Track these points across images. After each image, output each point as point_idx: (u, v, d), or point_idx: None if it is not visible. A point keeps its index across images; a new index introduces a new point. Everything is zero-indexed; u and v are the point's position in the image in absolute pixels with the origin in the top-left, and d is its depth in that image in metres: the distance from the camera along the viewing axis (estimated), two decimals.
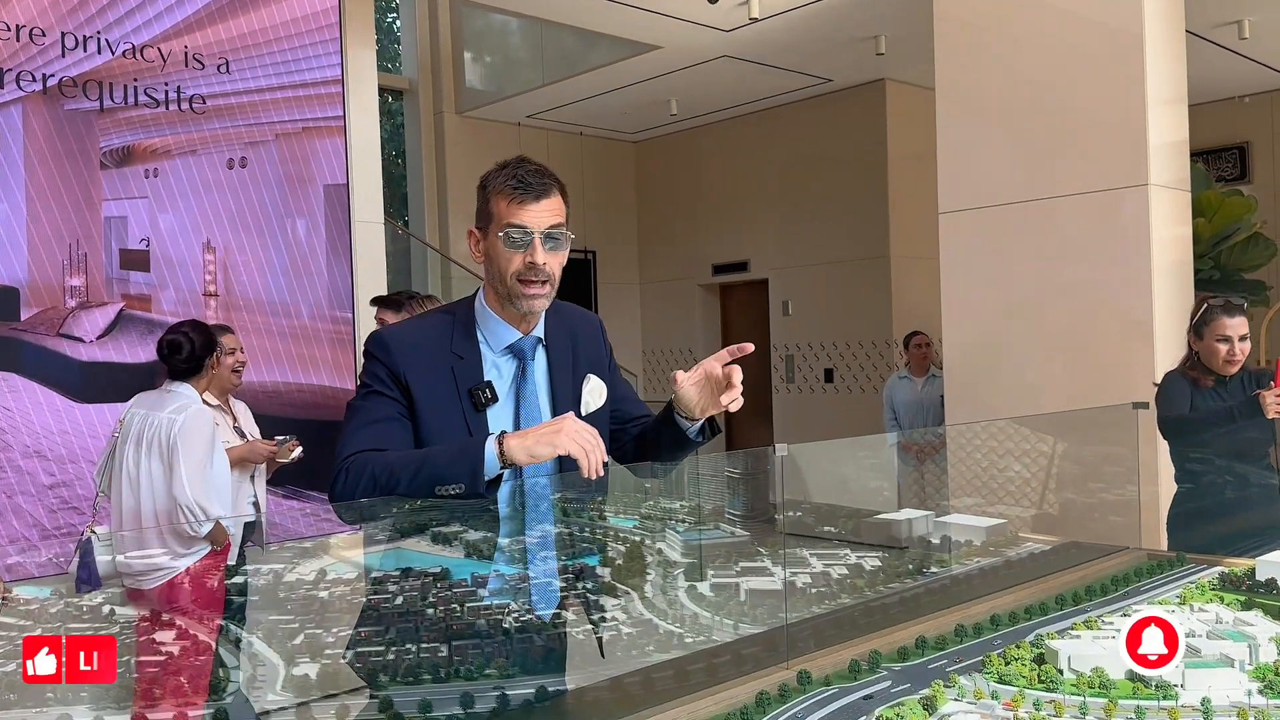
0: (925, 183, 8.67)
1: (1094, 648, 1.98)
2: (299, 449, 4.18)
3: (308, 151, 5.27)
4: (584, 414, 2.00)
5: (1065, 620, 2.34)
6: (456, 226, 8.98)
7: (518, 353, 1.97)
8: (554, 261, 1.89)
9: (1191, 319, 3.53)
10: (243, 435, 4.15)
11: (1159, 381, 3.64)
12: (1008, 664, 1.97)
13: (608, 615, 2.23)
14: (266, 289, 5.22)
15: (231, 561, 3.47)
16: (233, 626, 2.22)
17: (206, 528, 3.44)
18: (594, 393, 2.06)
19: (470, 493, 1.73)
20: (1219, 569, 2.75)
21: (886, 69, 8.05)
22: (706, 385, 1.90)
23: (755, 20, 6.29)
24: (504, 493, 1.83)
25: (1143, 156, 4.40)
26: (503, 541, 2.01)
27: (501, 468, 1.73)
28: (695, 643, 2.23)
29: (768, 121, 9.22)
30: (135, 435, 3.51)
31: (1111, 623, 2.21)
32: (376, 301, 4.51)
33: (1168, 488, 3.63)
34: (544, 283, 1.88)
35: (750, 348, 1.86)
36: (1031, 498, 3.57)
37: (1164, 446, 3.51)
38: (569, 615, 2.09)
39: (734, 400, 1.87)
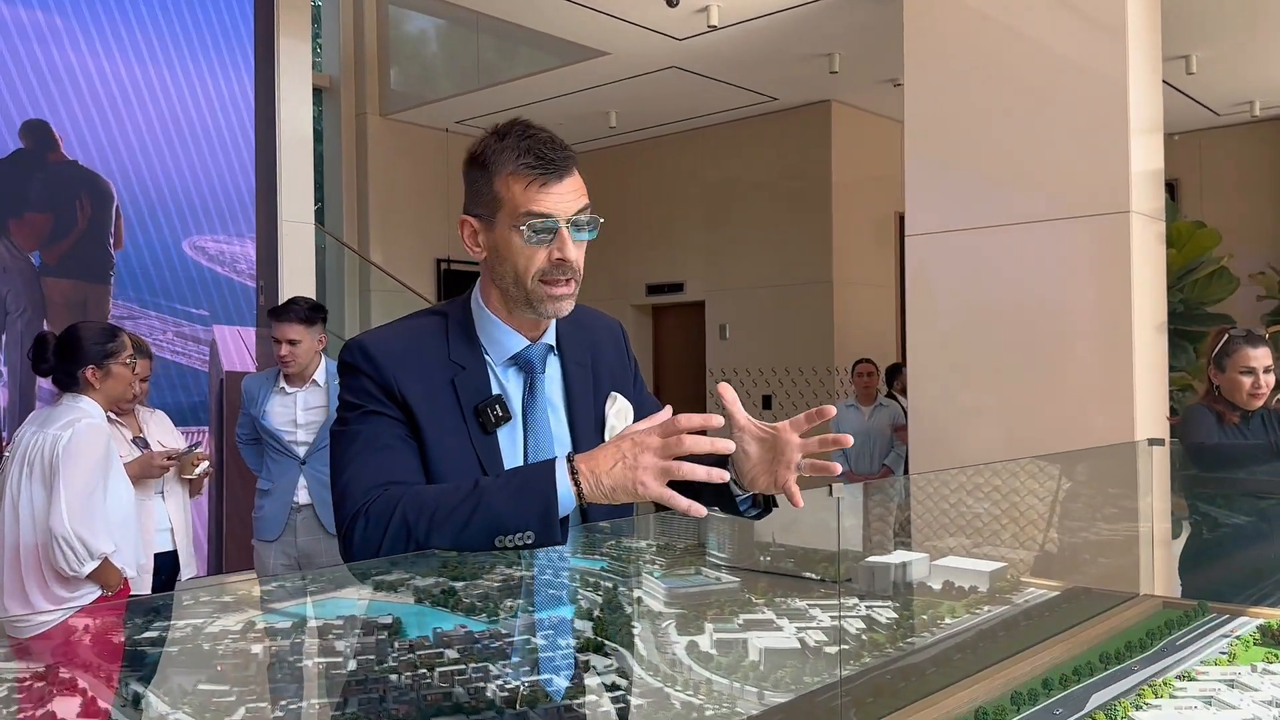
0: (869, 208, 8.61)
1: None
2: (206, 462, 3.71)
3: None
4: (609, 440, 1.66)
5: (1117, 681, 2.10)
6: (377, 232, 8.55)
7: (524, 364, 1.61)
8: (579, 252, 1.54)
9: (1210, 351, 3.34)
10: (147, 448, 3.65)
11: (1179, 413, 3.47)
12: None
13: (606, 680, 1.88)
14: None
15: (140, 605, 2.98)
16: (154, 697, 1.81)
17: (89, 566, 2.93)
18: (620, 414, 1.70)
19: (541, 542, 1.36)
20: (1246, 619, 2.56)
21: (834, 90, 7.94)
22: (772, 449, 1.48)
23: (713, 28, 6.06)
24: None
25: (1124, 183, 4.27)
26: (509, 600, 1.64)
27: (579, 505, 1.37)
28: (717, 715, 1.89)
29: (708, 139, 9.02)
30: (21, 456, 3.02)
31: (1183, 688, 1.98)
32: (275, 313, 3.95)
33: (1162, 529, 3.45)
34: (569, 280, 1.53)
35: (832, 411, 1.47)
36: (1022, 538, 3.34)
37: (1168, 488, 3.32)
38: (563, 682, 1.73)
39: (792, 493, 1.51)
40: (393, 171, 8.59)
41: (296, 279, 4.90)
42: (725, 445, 1.36)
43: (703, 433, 1.37)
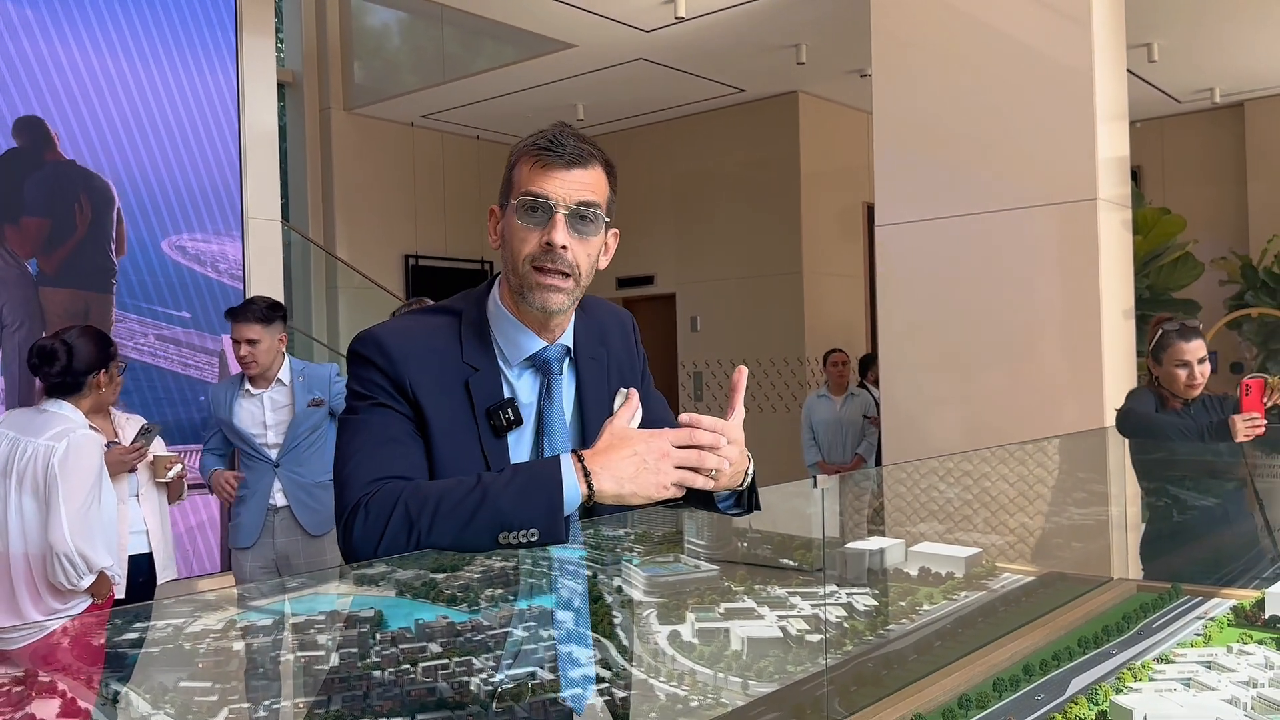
0: (838, 199, 8.64)
1: (1167, 704, 1.76)
2: (179, 465, 3.62)
3: None
4: None
5: (1097, 666, 2.13)
6: (343, 229, 8.45)
7: (541, 366, 1.58)
8: (580, 249, 1.48)
9: (1149, 344, 3.43)
10: None
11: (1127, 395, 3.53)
12: None
13: (590, 673, 1.87)
14: None
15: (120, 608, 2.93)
16: (135, 696, 1.78)
17: (87, 581, 2.91)
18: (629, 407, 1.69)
19: (546, 540, 1.33)
20: (1218, 600, 2.60)
21: (801, 81, 7.95)
22: None
23: (681, 20, 6.04)
24: None
25: (1090, 170, 4.30)
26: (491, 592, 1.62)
27: (585, 502, 1.34)
28: (702, 706, 1.89)
29: (676, 131, 9.01)
30: (2, 464, 2.96)
31: (1162, 670, 2.00)
32: (233, 314, 3.86)
33: (1132, 514, 3.49)
34: (565, 274, 1.48)
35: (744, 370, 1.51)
36: (994, 523, 3.37)
37: (1134, 474, 3.37)
38: (547, 675, 1.72)
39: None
40: (358, 167, 8.50)
41: (263, 277, 4.84)
42: (732, 450, 1.41)
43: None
